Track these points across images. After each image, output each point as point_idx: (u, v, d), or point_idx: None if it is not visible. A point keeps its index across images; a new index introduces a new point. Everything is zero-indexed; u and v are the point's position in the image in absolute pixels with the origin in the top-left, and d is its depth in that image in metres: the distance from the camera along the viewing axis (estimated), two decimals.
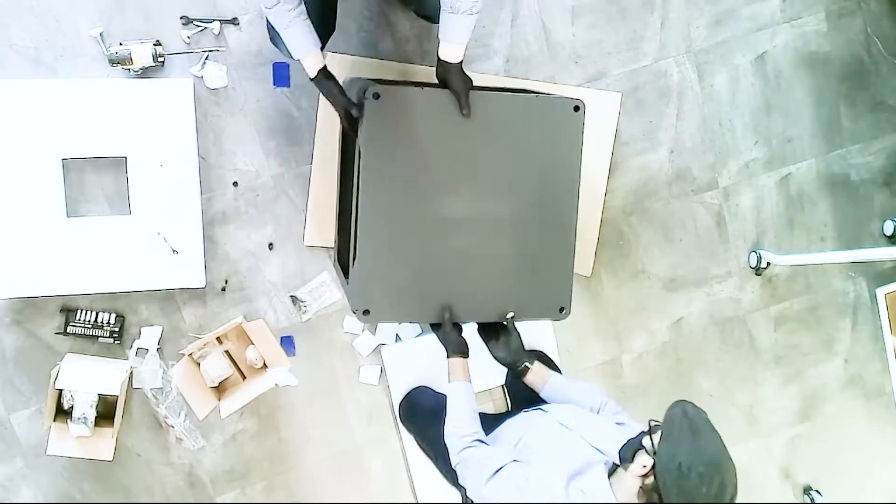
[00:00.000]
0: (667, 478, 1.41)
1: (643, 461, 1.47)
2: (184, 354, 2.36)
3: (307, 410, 2.50)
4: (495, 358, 1.96)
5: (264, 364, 2.43)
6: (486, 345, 1.97)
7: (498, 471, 1.62)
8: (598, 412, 1.83)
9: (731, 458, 1.44)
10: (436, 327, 1.96)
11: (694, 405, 1.48)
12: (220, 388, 2.46)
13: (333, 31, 2.09)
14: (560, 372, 2.19)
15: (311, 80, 1.90)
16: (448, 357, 1.90)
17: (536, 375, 1.92)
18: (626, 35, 2.45)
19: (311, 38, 1.86)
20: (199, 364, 2.42)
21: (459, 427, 1.78)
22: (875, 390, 2.81)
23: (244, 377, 2.48)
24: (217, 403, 2.39)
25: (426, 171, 1.89)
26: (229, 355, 2.46)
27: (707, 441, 1.43)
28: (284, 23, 1.81)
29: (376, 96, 1.81)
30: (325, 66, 1.89)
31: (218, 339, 2.42)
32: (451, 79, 1.86)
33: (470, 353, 1.92)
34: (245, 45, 2.28)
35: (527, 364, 1.92)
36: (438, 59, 1.86)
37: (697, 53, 2.49)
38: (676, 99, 2.50)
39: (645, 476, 1.48)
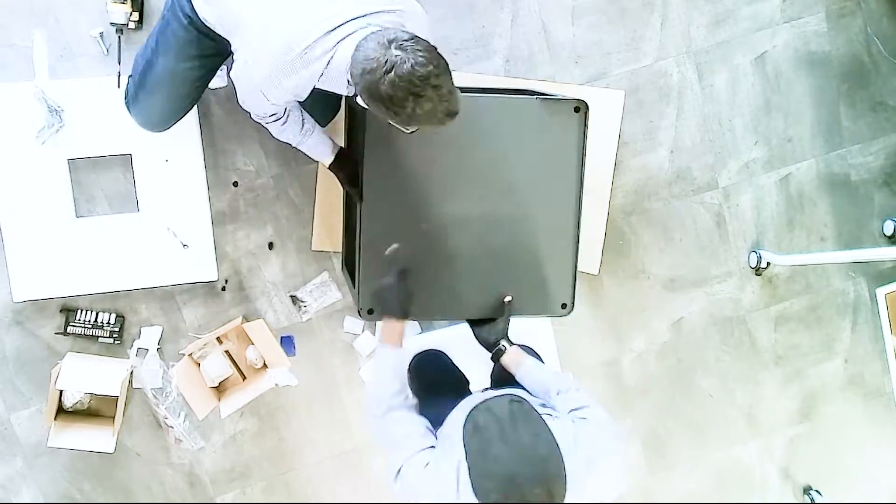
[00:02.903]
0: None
1: None
2: (184, 354, 2.36)
3: (307, 410, 2.50)
4: (477, 338, 1.94)
5: (264, 364, 2.43)
6: (472, 329, 1.97)
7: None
8: (557, 394, 1.75)
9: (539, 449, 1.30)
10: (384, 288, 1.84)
11: (486, 407, 1.35)
12: (220, 388, 2.46)
13: (339, 110, 2.19)
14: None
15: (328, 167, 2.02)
16: (388, 317, 1.77)
17: (512, 358, 1.88)
18: (626, 35, 2.45)
19: (328, 143, 1.99)
20: (199, 364, 2.42)
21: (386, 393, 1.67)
22: (875, 390, 2.81)
23: (244, 377, 2.48)
24: (217, 403, 2.39)
25: (427, 176, 1.92)
26: (229, 355, 2.46)
27: (500, 451, 1.29)
28: (296, 140, 1.95)
29: None
30: (339, 149, 2.01)
31: (218, 339, 2.42)
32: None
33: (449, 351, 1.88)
34: None
35: (504, 345, 1.89)
36: None
37: (697, 53, 2.49)
38: (676, 99, 2.50)
39: None
